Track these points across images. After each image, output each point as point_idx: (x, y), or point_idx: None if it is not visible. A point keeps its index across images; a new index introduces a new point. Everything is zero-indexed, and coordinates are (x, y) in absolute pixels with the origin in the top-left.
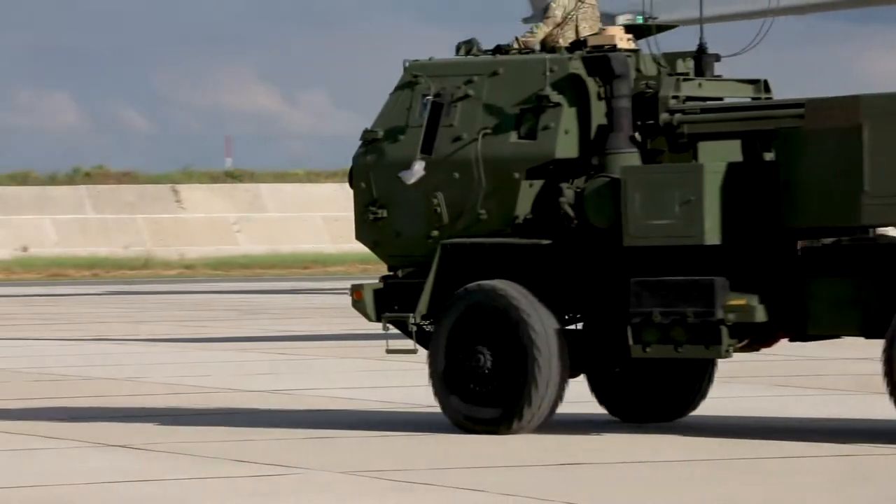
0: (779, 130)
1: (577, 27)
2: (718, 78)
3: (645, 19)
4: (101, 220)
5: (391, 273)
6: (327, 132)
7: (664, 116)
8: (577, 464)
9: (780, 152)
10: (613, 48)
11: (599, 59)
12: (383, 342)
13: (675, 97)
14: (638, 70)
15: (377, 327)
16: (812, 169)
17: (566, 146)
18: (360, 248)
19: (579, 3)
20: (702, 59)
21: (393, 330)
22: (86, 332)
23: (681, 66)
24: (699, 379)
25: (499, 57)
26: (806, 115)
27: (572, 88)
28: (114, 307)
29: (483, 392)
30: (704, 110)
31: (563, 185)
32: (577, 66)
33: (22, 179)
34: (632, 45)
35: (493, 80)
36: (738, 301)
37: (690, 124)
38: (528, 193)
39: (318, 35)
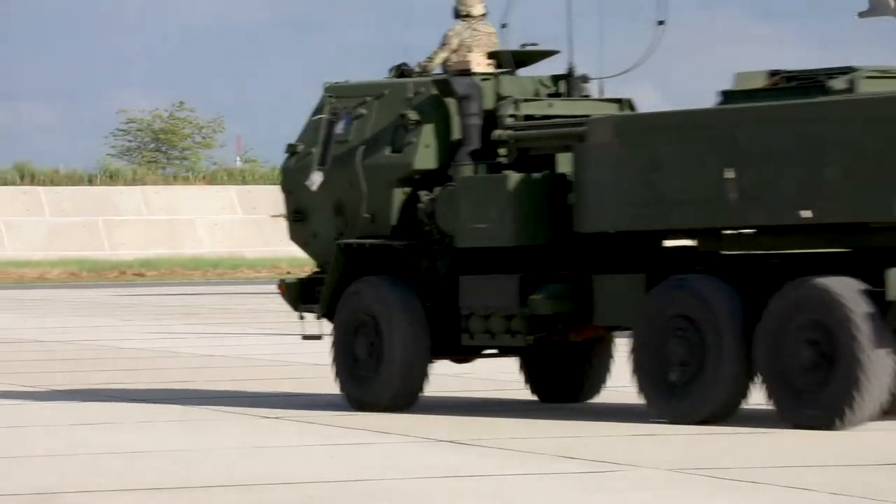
0: (572, 145)
1: (470, 53)
2: (585, 98)
3: (522, 46)
4: None
5: (319, 269)
6: None
7: (496, 133)
8: None
9: (573, 164)
10: (467, 72)
11: (444, 82)
12: None
13: (511, 116)
14: (497, 91)
15: None
16: (589, 179)
17: (425, 159)
18: None
19: (473, 32)
20: (569, 81)
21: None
22: None
23: (564, 86)
24: (605, 364)
25: (385, 80)
26: (586, 131)
27: (433, 108)
28: None
29: (364, 375)
30: (528, 128)
31: (421, 193)
32: (437, 89)
33: None
34: (489, 70)
35: (380, 102)
36: (536, 296)
37: (516, 140)
38: (399, 200)
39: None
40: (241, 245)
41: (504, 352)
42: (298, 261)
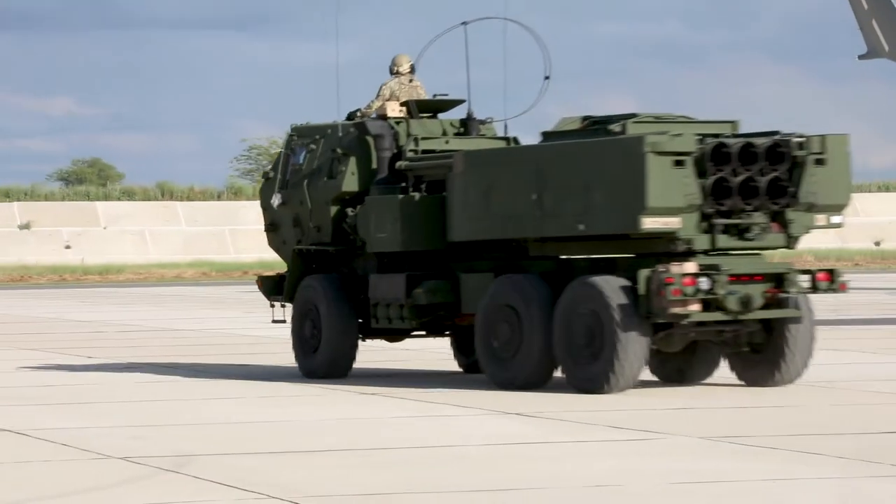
0: (447, 174)
1: (400, 102)
2: (481, 136)
3: (434, 96)
4: None
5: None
6: None
7: (398, 164)
8: None
9: (446, 188)
10: (384, 117)
11: (362, 125)
12: None
13: (412, 150)
14: (408, 132)
15: None
16: (452, 199)
17: (351, 183)
18: None
19: (401, 85)
20: (469, 123)
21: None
22: None
23: (475, 127)
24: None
25: (328, 123)
26: (451, 163)
27: (356, 145)
28: None
29: (310, 351)
30: (420, 160)
31: (348, 210)
32: (358, 130)
33: None
34: (401, 114)
35: (324, 140)
36: (418, 290)
37: (412, 170)
38: (334, 215)
39: (685, 69)
40: None
41: (400, 333)
42: None
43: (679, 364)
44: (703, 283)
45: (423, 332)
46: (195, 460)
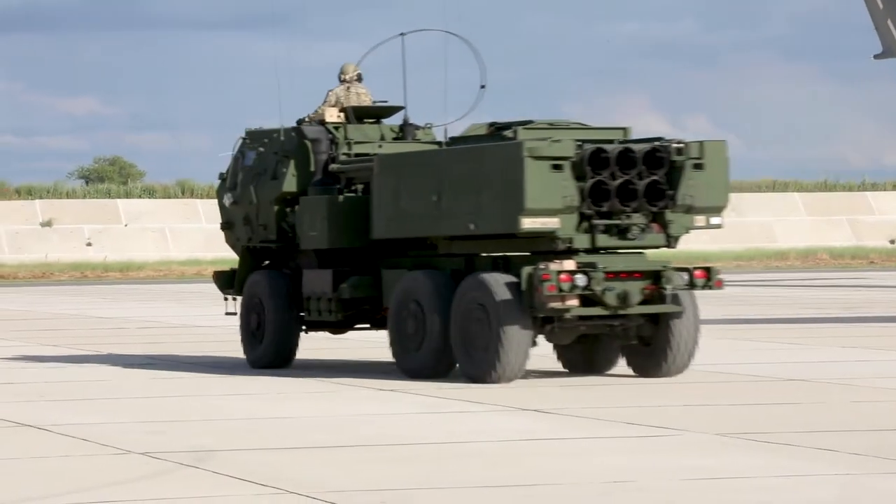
0: (371, 176)
1: (339, 108)
2: (416, 141)
3: (374, 102)
4: None
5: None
6: None
7: (331, 167)
8: None
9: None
10: (322, 122)
11: (299, 130)
12: None
13: (345, 154)
14: (346, 136)
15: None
16: (373, 201)
17: (291, 184)
18: (735, 248)
19: (347, 93)
20: (404, 129)
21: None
22: None
23: (417, 133)
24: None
25: (274, 128)
26: (372, 166)
27: (296, 148)
28: None
29: (256, 342)
30: (350, 163)
31: (287, 209)
32: (297, 135)
33: None
34: (339, 120)
35: (269, 143)
36: (343, 285)
37: (343, 172)
38: (277, 214)
39: (699, 70)
40: None
41: (333, 326)
42: None
43: (582, 354)
44: (580, 279)
45: (367, 325)
46: (215, 455)
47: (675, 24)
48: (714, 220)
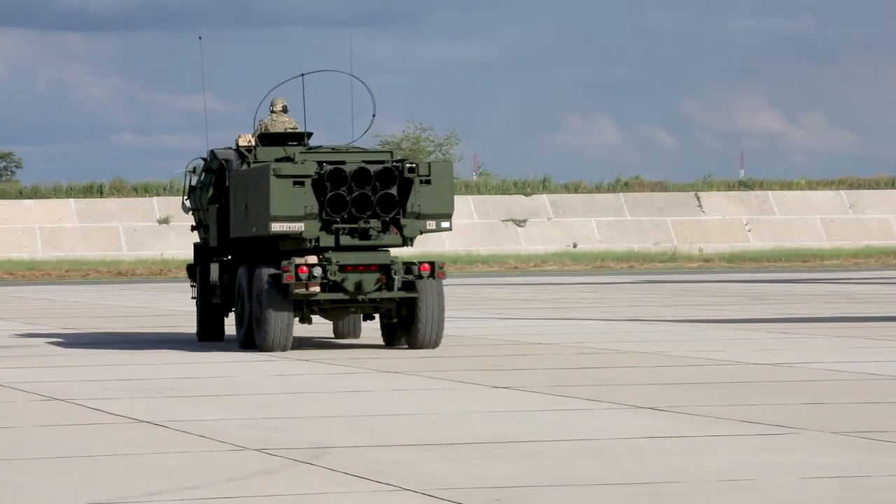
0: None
1: (256, 135)
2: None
3: (285, 129)
4: (636, 221)
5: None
6: (825, 148)
7: (228, 177)
8: None
9: None
10: (237, 145)
11: (213, 153)
12: None
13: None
14: (255, 157)
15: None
16: (230, 208)
17: (217, 195)
18: (853, 245)
19: (273, 122)
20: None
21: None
22: (621, 313)
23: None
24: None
25: (219, 150)
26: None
27: (218, 167)
28: (645, 294)
29: (208, 323)
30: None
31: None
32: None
33: (574, 188)
34: (250, 144)
35: (207, 162)
36: (224, 275)
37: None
38: (212, 218)
39: (817, 66)
40: (476, 244)
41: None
42: (522, 257)
43: (344, 327)
44: (317, 270)
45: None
46: (330, 452)
47: (793, 19)
48: (444, 224)
